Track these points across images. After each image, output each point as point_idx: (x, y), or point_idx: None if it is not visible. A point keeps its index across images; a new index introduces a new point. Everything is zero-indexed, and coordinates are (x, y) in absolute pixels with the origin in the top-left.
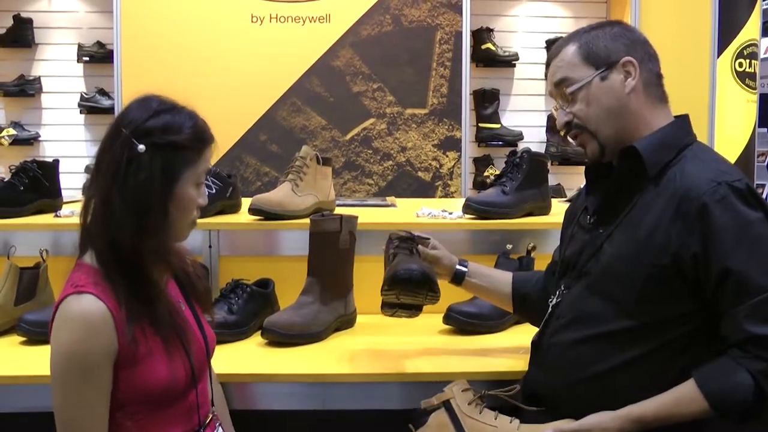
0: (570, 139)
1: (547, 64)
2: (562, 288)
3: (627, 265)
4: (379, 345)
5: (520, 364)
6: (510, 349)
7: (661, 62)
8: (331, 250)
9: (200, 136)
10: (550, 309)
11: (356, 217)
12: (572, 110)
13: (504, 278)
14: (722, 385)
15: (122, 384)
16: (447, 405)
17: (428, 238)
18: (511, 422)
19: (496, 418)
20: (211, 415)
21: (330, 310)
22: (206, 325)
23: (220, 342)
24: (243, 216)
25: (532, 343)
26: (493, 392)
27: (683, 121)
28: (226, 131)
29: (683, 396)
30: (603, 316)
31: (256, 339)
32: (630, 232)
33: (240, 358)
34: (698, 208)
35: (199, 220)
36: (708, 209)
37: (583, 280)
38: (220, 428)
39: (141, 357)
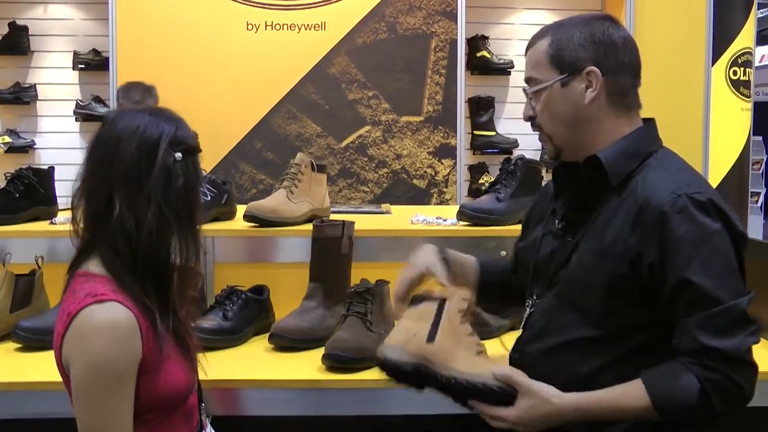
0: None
1: (525, 51)
2: (534, 297)
3: (590, 275)
4: None
5: None
6: (504, 355)
7: (655, 70)
8: (334, 255)
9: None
10: (524, 319)
11: (353, 223)
12: (535, 107)
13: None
14: (667, 386)
15: (143, 392)
16: (441, 302)
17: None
18: (477, 345)
19: (469, 335)
20: (204, 415)
21: (333, 314)
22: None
23: (215, 348)
24: (238, 223)
25: (511, 352)
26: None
27: (649, 127)
28: (222, 138)
29: (628, 392)
30: (570, 325)
31: (251, 345)
32: (593, 241)
33: (235, 364)
34: (657, 218)
35: None
36: (667, 220)
37: (553, 289)
38: (210, 427)
39: (161, 363)
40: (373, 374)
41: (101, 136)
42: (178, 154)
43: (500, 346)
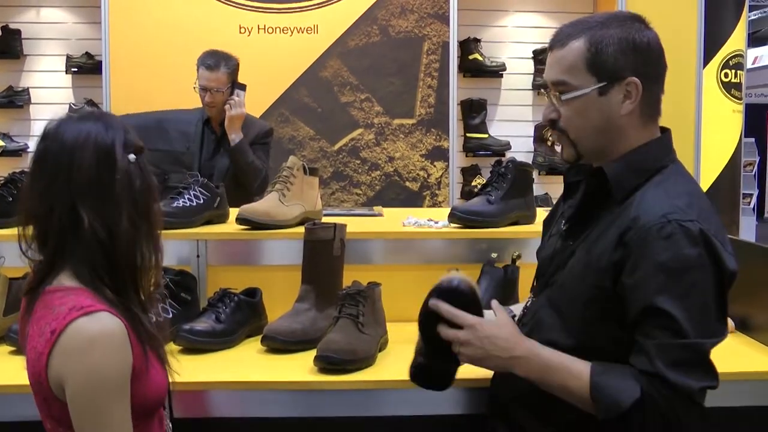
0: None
1: (550, 47)
2: (531, 296)
3: (576, 284)
4: None
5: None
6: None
7: None
8: (326, 257)
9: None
10: (521, 315)
11: (345, 225)
12: (560, 111)
13: None
14: (610, 381)
15: (134, 399)
16: None
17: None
18: None
19: None
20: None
21: (325, 316)
22: None
23: (207, 350)
24: (230, 226)
25: None
26: None
27: (663, 139)
28: None
29: (576, 366)
30: (554, 329)
31: (243, 347)
32: (586, 250)
33: (228, 366)
34: (641, 239)
35: (187, 230)
36: (650, 243)
37: (547, 290)
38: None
39: (146, 369)
40: (365, 375)
41: (48, 149)
42: (132, 156)
43: None
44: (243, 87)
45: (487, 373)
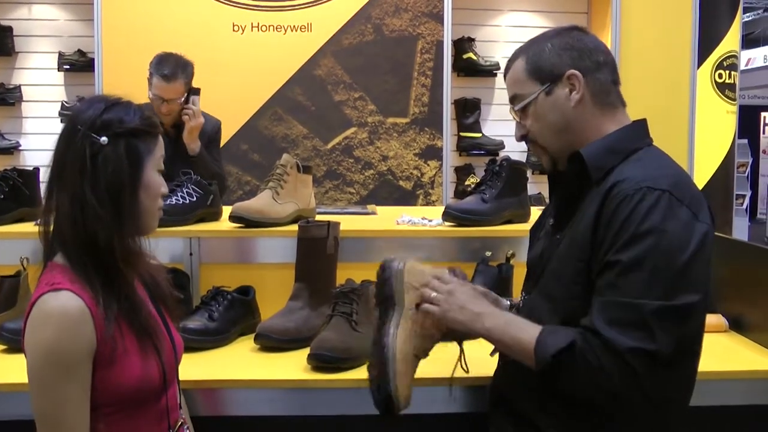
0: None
1: (504, 77)
2: (523, 294)
3: (563, 265)
4: None
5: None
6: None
7: (641, 73)
8: (319, 255)
9: (153, 122)
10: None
11: (339, 223)
12: (525, 125)
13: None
14: (552, 337)
15: (98, 384)
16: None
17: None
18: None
19: None
20: (180, 420)
21: (319, 314)
22: (174, 331)
23: (200, 349)
24: (224, 224)
25: None
26: None
27: (637, 125)
28: None
29: (531, 326)
30: (542, 312)
31: (236, 346)
32: (571, 233)
33: (221, 364)
34: (614, 206)
35: (179, 228)
36: (619, 207)
37: (539, 282)
38: None
39: (117, 356)
40: (359, 374)
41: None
42: (104, 138)
43: (484, 348)
44: (197, 92)
45: (485, 371)
